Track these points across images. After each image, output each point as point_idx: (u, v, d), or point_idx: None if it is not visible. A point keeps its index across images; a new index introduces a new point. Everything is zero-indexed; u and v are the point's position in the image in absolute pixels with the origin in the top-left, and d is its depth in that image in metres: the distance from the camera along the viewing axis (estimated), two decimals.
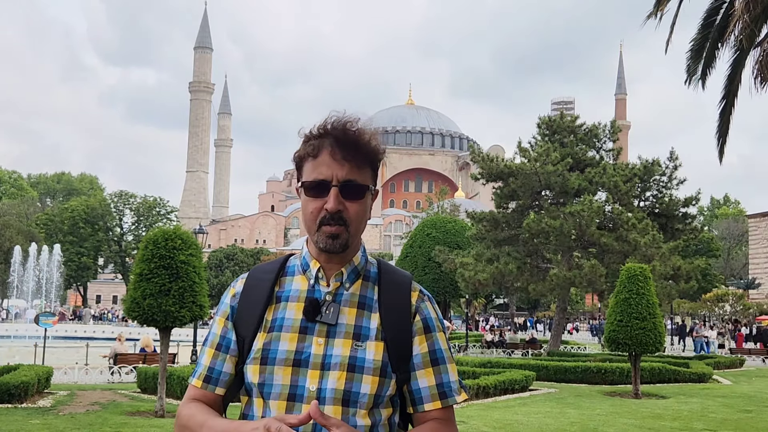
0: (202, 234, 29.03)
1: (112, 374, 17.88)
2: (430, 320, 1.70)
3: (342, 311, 1.65)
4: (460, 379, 1.72)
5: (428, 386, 1.66)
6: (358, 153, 1.65)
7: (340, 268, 1.69)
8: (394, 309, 1.67)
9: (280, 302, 1.69)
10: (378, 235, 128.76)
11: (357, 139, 1.65)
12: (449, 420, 1.69)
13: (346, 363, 1.59)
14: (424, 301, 1.72)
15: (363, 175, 1.66)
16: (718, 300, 51.00)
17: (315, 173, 1.64)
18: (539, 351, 29.77)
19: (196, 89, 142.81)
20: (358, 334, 1.63)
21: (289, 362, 1.60)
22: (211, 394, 1.70)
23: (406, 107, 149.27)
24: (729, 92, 13.15)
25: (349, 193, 1.63)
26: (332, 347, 1.61)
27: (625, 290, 15.92)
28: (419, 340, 1.68)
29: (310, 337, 1.63)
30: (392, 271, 1.76)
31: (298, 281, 1.71)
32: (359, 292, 1.69)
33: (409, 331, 1.67)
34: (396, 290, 1.71)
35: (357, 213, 1.65)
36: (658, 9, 12.27)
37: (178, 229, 12.79)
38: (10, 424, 10.44)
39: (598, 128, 29.32)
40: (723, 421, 12.53)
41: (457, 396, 1.69)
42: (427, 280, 39.40)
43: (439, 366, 1.68)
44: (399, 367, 1.64)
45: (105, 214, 77.43)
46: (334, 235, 1.63)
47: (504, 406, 14.19)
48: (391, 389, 1.63)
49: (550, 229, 25.47)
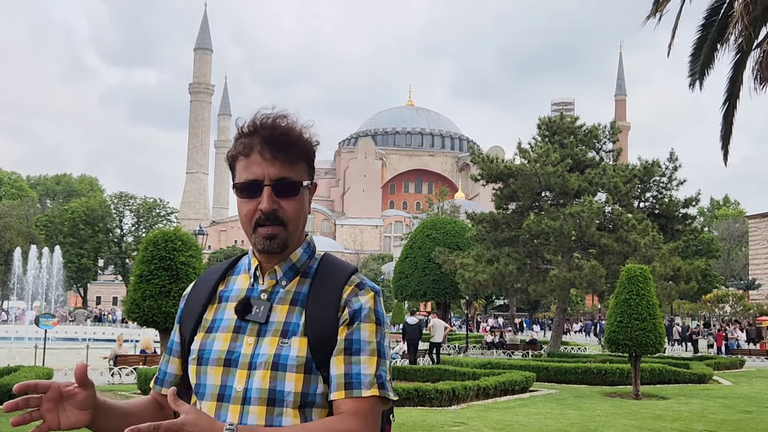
0: (202, 235, 29.05)
1: (113, 376, 17.88)
2: (357, 312, 1.60)
3: (274, 309, 1.62)
4: (381, 375, 1.57)
5: (336, 374, 1.56)
6: (289, 149, 1.61)
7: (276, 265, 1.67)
8: (320, 304, 1.61)
9: (221, 302, 1.68)
10: (378, 236, 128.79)
11: (287, 134, 1.61)
12: (358, 415, 1.53)
13: (271, 361, 1.55)
14: (357, 295, 1.62)
15: (297, 171, 1.63)
16: (718, 301, 50.99)
17: (246, 173, 1.61)
18: (539, 352, 29.77)
19: (196, 90, 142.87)
20: (286, 331, 1.59)
21: (220, 362, 1.59)
22: (159, 395, 1.73)
23: (406, 108, 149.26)
24: (731, 94, 13.15)
25: (283, 191, 1.60)
26: (260, 346, 1.58)
27: (625, 291, 15.91)
28: (341, 330, 1.59)
29: (242, 336, 1.60)
30: (332, 265, 1.69)
31: (242, 280, 1.70)
32: (294, 289, 1.65)
33: (335, 325, 1.59)
34: (327, 285, 1.64)
35: (293, 210, 1.62)
36: (658, 10, 12.29)
37: (178, 230, 12.81)
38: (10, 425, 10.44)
39: (597, 129, 29.33)
40: (723, 422, 12.53)
41: (365, 390, 1.54)
42: (427, 281, 39.38)
43: (352, 356, 1.57)
44: (324, 363, 1.58)
45: (105, 215, 77.41)
46: (271, 236, 1.60)
47: (504, 407, 14.18)
48: (322, 388, 1.57)
49: (550, 230, 25.47)
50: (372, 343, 1.60)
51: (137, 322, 12.31)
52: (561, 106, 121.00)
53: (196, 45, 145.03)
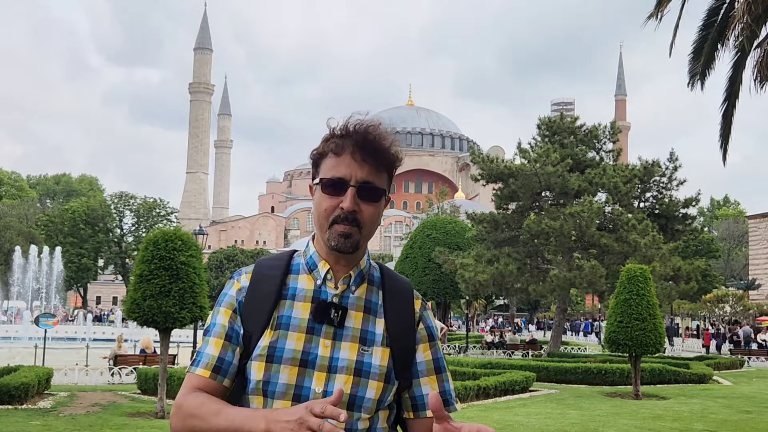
0: (202, 235, 29.03)
1: (113, 375, 17.87)
2: (432, 329, 1.74)
3: (349, 315, 1.65)
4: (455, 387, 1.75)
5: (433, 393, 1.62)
6: (377, 157, 1.65)
7: (348, 270, 1.68)
8: (399, 316, 1.70)
9: (287, 300, 1.68)
10: (378, 236, 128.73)
11: (378, 143, 1.65)
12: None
13: (353, 367, 1.60)
14: (425, 310, 1.76)
15: (380, 179, 1.67)
16: (718, 301, 50.94)
17: (334, 171, 1.64)
18: (539, 352, 29.77)
19: (196, 90, 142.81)
20: (365, 339, 1.64)
21: (295, 362, 1.60)
22: (218, 386, 1.62)
23: (406, 108, 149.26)
24: (731, 94, 13.15)
25: (366, 194, 1.63)
26: (339, 350, 1.61)
27: (625, 291, 15.92)
28: (423, 347, 1.71)
29: (317, 338, 1.62)
30: (395, 277, 1.78)
31: (304, 280, 1.70)
32: (365, 296, 1.69)
33: (413, 338, 1.70)
34: (400, 297, 1.73)
35: (371, 215, 1.65)
36: (659, 10, 12.28)
37: (178, 230, 12.80)
38: (11, 425, 10.44)
39: (597, 129, 29.33)
40: (723, 422, 12.53)
41: (456, 404, 1.73)
42: (427, 282, 39.38)
43: (442, 374, 1.72)
44: (402, 373, 1.67)
45: (105, 215, 77.30)
46: (346, 234, 1.62)
47: (504, 407, 14.19)
48: (392, 395, 1.66)
49: (550, 230, 25.47)
50: (444, 359, 1.76)
51: (137, 322, 12.29)
52: (561, 106, 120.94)
53: (196, 45, 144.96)
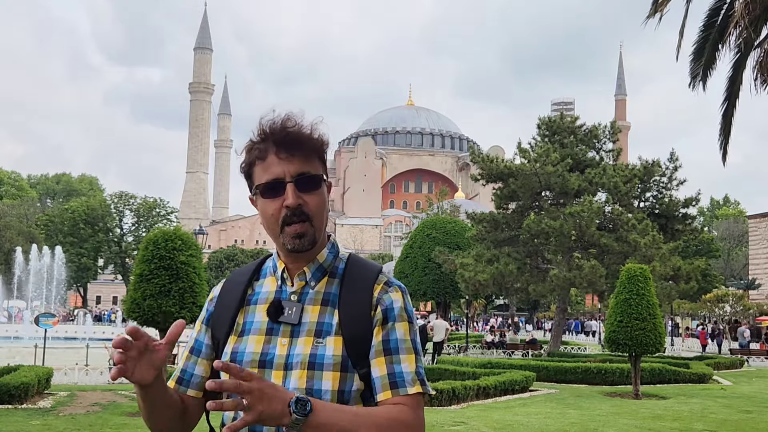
0: (202, 235, 29.06)
1: None
2: (390, 311, 1.65)
3: (306, 310, 1.65)
4: (419, 371, 1.63)
5: (380, 375, 1.61)
6: (302, 146, 1.64)
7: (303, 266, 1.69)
8: (353, 303, 1.65)
9: (250, 305, 1.70)
10: (378, 236, 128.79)
11: (298, 133, 1.64)
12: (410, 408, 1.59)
13: (306, 361, 1.59)
14: (387, 293, 1.67)
15: (314, 166, 1.65)
16: (718, 301, 50.88)
17: (267, 174, 1.63)
18: (539, 352, 29.78)
19: (196, 90, 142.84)
20: (320, 331, 1.62)
21: (255, 364, 1.61)
22: (185, 396, 1.71)
23: (406, 108, 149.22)
24: (731, 94, 13.15)
25: (306, 185, 1.62)
26: (295, 347, 1.61)
27: (625, 291, 15.92)
28: (377, 331, 1.64)
29: (275, 338, 1.64)
30: (359, 265, 1.73)
31: (269, 283, 1.73)
32: (324, 290, 1.68)
33: (369, 324, 1.64)
34: (358, 284, 1.68)
35: (317, 205, 1.64)
36: (657, 10, 12.29)
37: (178, 230, 12.81)
38: (11, 425, 10.44)
39: (597, 129, 29.33)
40: (723, 422, 12.53)
41: (410, 387, 1.60)
42: (427, 281, 39.38)
43: (392, 356, 1.62)
44: (359, 361, 1.61)
45: (105, 215, 77.31)
46: (300, 234, 1.62)
47: (504, 406, 14.19)
48: (358, 384, 1.61)
49: (550, 230, 25.48)
50: (408, 341, 1.65)
51: (137, 322, 12.29)
52: (561, 105, 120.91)
53: (196, 44, 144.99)
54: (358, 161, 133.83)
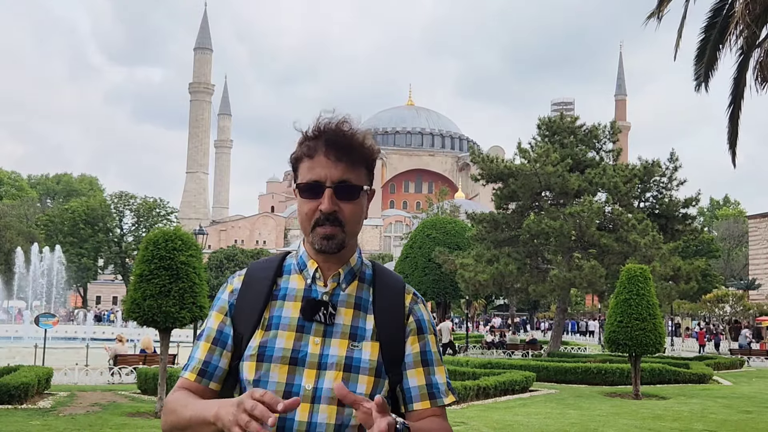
0: (202, 235, 29.07)
1: (112, 375, 17.87)
2: (422, 322, 1.73)
3: (339, 312, 1.67)
4: (449, 381, 1.74)
5: (418, 386, 1.68)
6: (351, 153, 1.65)
7: (338, 268, 1.70)
8: (388, 310, 1.70)
9: (277, 300, 1.70)
10: (378, 236, 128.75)
11: (350, 139, 1.65)
12: (445, 419, 1.71)
13: (343, 363, 1.61)
14: (417, 304, 1.75)
15: (357, 175, 1.66)
16: (718, 301, 50.86)
17: (310, 174, 1.65)
18: (539, 352, 29.78)
19: (196, 90, 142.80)
20: (354, 335, 1.65)
21: (285, 360, 1.62)
22: (205, 389, 1.67)
23: (406, 108, 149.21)
24: (736, 96, 13.13)
25: (344, 193, 1.64)
26: (329, 347, 1.63)
27: (625, 291, 15.92)
28: (411, 340, 1.70)
29: (306, 336, 1.64)
30: (386, 274, 1.78)
31: (295, 280, 1.73)
32: (355, 293, 1.70)
33: (402, 332, 1.70)
34: (390, 292, 1.73)
35: (352, 213, 1.65)
36: (659, 10, 12.28)
37: (178, 230, 12.80)
38: (11, 425, 10.44)
39: (597, 129, 29.33)
40: (723, 422, 12.53)
41: (445, 398, 1.70)
42: (427, 281, 39.35)
43: (429, 367, 1.70)
44: (392, 368, 1.66)
45: (105, 215, 77.26)
46: (329, 236, 1.64)
47: (504, 406, 14.19)
48: (385, 390, 1.65)
49: (550, 230, 25.47)
50: (437, 353, 1.74)
51: (137, 322, 12.29)
52: (561, 106, 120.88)
53: (196, 45, 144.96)
54: None
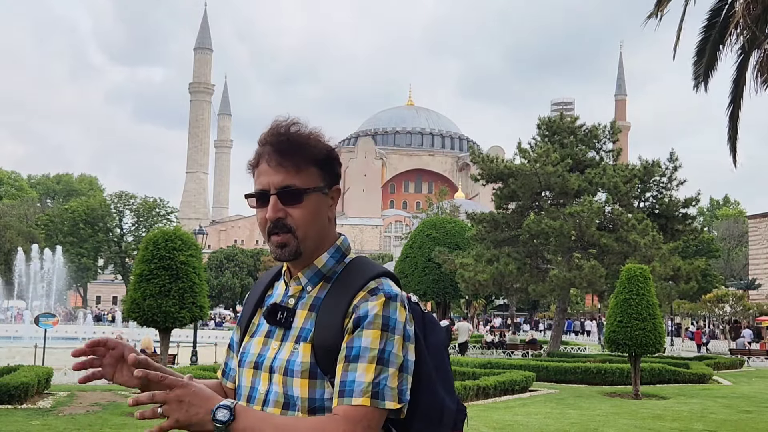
0: (202, 235, 29.05)
1: None
2: (362, 318, 1.55)
3: (297, 315, 1.65)
4: (377, 383, 1.50)
5: (336, 382, 1.54)
6: (295, 155, 1.62)
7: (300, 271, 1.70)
8: (330, 310, 1.60)
9: (263, 307, 1.74)
10: (378, 236, 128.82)
11: (293, 142, 1.63)
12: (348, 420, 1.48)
13: (284, 366, 1.60)
14: (367, 301, 1.57)
15: (304, 178, 1.62)
16: (718, 301, 50.89)
17: (257, 183, 1.66)
18: (539, 352, 29.78)
19: (196, 90, 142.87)
20: (299, 337, 1.62)
21: (251, 365, 1.68)
22: (225, 387, 1.83)
23: (406, 108, 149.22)
24: (735, 96, 13.14)
25: (288, 198, 1.61)
26: (281, 351, 1.63)
27: (625, 291, 15.91)
28: (346, 338, 1.56)
29: (270, 341, 1.67)
30: (354, 271, 1.65)
31: (281, 285, 1.76)
32: (315, 295, 1.67)
33: (339, 332, 1.57)
34: (342, 290, 1.62)
35: (301, 217, 1.62)
36: (658, 9, 12.29)
37: (178, 230, 12.81)
38: (10, 425, 10.43)
39: (597, 129, 29.33)
40: (723, 422, 12.53)
41: (356, 398, 1.48)
42: (427, 281, 39.34)
43: (349, 363, 1.52)
44: (329, 369, 1.56)
45: (105, 215, 77.33)
46: (282, 245, 1.63)
47: (504, 406, 14.18)
48: (329, 393, 1.56)
49: (550, 230, 25.46)
50: (374, 350, 1.53)
51: (137, 322, 12.31)
52: (561, 105, 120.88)
53: (196, 45, 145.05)
54: (357, 161, 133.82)
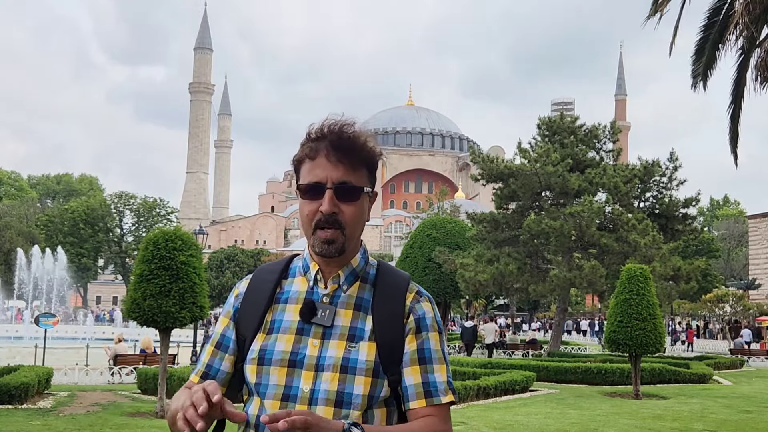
0: (202, 235, 29.05)
1: (113, 375, 17.88)
2: (423, 320, 1.69)
3: (338, 313, 1.67)
4: (449, 381, 1.69)
5: (414, 384, 1.65)
6: (353, 155, 1.66)
7: (338, 270, 1.70)
8: (387, 310, 1.68)
9: (279, 304, 1.72)
10: (378, 236, 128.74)
11: (352, 141, 1.66)
12: (441, 419, 1.66)
13: (339, 364, 1.61)
14: (419, 302, 1.71)
15: (358, 177, 1.67)
16: (719, 301, 50.94)
17: (310, 176, 1.66)
18: (539, 352, 29.78)
19: (196, 90, 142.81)
20: (353, 336, 1.64)
21: (284, 363, 1.63)
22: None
23: (406, 108, 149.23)
24: (736, 96, 13.14)
25: (344, 195, 1.65)
26: (327, 349, 1.63)
27: (625, 291, 15.92)
28: (410, 339, 1.67)
29: (306, 338, 1.65)
30: (390, 273, 1.75)
31: (299, 283, 1.74)
32: (356, 294, 1.70)
33: (401, 331, 1.67)
34: (391, 292, 1.71)
35: (352, 215, 1.66)
36: (657, 9, 12.29)
37: (178, 230, 12.79)
38: (11, 425, 10.44)
39: (597, 129, 29.32)
40: (723, 422, 12.53)
41: (443, 397, 1.66)
42: (427, 281, 39.23)
43: (426, 365, 1.67)
44: (390, 368, 1.64)
45: (105, 215, 77.26)
46: (330, 240, 1.64)
47: (504, 406, 14.19)
48: (385, 391, 1.64)
49: (550, 230, 25.45)
50: (439, 351, 1.69)
51: (137, 322, 12.30)
52: (561, 105, 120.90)
53: (196, 44, 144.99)
54: None
